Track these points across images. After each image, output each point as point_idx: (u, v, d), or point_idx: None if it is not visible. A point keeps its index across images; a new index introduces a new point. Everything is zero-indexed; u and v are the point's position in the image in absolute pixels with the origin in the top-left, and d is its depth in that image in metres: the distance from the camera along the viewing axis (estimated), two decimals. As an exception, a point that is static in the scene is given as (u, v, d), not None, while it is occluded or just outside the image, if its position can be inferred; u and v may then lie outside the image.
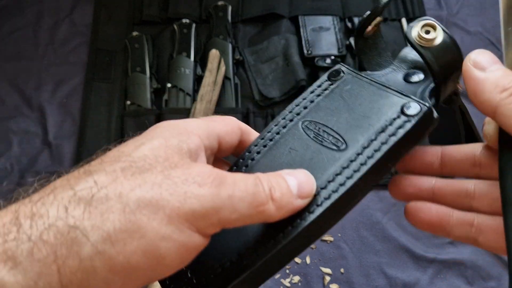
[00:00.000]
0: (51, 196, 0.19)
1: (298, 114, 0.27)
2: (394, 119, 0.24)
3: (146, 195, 0.19)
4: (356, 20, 0.82)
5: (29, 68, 0.80)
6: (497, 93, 0.22)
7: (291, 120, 0.27)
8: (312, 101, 0.27)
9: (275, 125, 0.27)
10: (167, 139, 0.21)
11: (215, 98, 0.73)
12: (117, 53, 0.81)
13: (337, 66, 0.28)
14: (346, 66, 0.28)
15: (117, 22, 0.84)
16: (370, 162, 0.23)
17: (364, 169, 0.23)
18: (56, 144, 0.73)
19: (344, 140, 0.24)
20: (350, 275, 0.64)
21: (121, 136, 0.73)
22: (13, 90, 0.78)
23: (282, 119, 0.27)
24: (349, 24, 0.82)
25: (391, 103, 0.24)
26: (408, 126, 0.23)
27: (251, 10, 0.84)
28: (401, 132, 0.23)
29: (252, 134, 0.27)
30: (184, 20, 0.81)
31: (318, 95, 0.27)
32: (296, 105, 0.27)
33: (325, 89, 0.27)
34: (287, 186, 0.22)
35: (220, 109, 0.74)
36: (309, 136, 0.25)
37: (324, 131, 0.25)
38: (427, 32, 0.25)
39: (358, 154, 0.23)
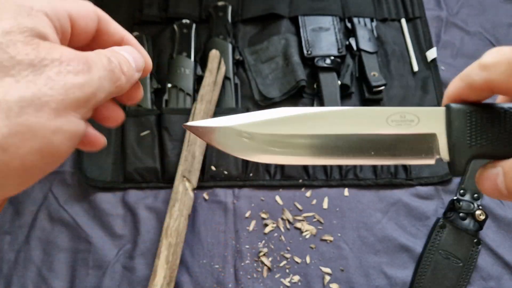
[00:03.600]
0: None
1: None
2: None
3: (26, 94, 0.18)
4: (355, 20, 0.82)
5: (29, 68, 0.80)
6: None
7: None
8: None
9: None
10: (17, 19, 0.20)
11: (215, 98, 0.73)
12: (117, 53, 0.81)
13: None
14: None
15: (117, 22, 0.84)
16: None
17: None
18: (56, 144, 0.73)
19: None
20: (350, 275, 0.64)
21: (122, 137, 0.73)
22: (13, 90, 0.78)
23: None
24: (348, 25, 0.82)
25: None
26: None
27: (251, 10, 0.84)
28: None
29: (111, 23, 0.26)
30: (184, 20, 0.81)
31: None
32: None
33: None
34: (129, 62, 0.24)
35: (220, 109, 0.74)
36: None
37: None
38: None
39: None
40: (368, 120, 0.24)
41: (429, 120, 0.24)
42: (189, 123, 0.25)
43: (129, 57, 0.24)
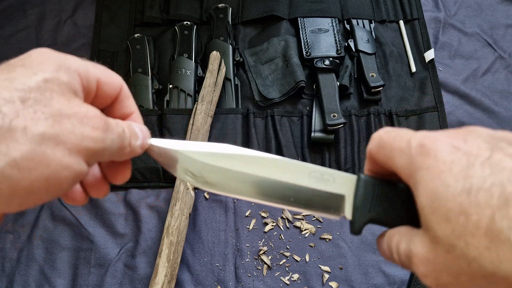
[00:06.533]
0: None
1: None
2: None
3: (49, 130, 0.22)
4: (354, 22, 0.83)
5: (31, 69, 0.81)
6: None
7: None
8: None
9: None
10: (57, 73, 0.24)
11: (216, 99, 0.74)
12: (119, 54, 0.82)
13: None
14: None
15: (118, 24, 0.85)
16: None
17: None
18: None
19: None
20: (348, 273, 0.65)
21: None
22: (16, 91, 0.78)
23: None
24: (347, 26, 0.83)
25: None
26: None
27: (251, 12, 0.84)
28: None
29: (129, 98, 0.30)
30: (185, 22, 0.82)
31: None
32: None
33: None
34: (138, 137, 0.28)
35: (220, 109, 0.75)
36: None
37: None
38: None
39: None
40: (293, 171, 0.28)
41: (342, 183, 0.28)
42: (153, 142, 0.30)
43: (140, 134, 0.29)
